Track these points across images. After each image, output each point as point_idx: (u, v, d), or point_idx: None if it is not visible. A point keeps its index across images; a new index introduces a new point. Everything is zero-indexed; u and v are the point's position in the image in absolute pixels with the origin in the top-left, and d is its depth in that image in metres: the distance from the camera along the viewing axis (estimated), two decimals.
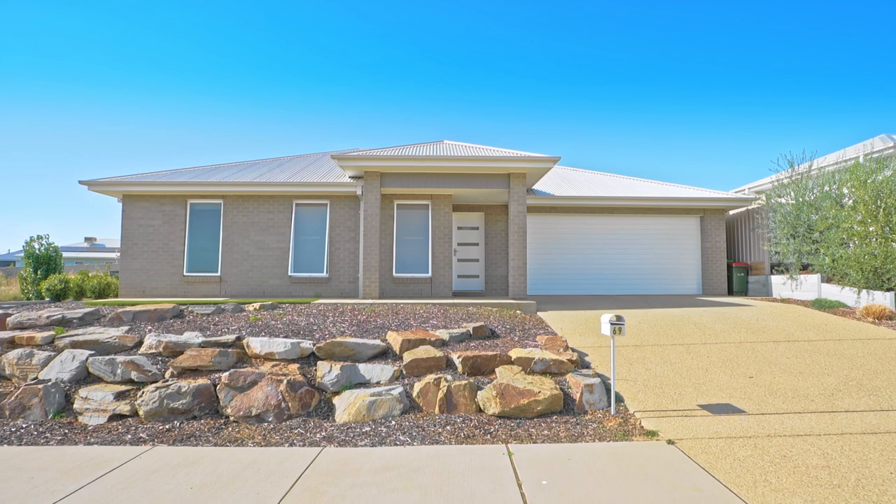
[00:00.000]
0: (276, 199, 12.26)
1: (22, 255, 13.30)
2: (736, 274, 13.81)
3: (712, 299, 12.01)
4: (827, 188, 11.61)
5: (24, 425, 5.19)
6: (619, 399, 5.46)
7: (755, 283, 13.62)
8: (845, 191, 11.09)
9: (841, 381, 5.83)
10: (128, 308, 7.97)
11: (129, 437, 4.93)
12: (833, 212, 10.87)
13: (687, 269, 13.92)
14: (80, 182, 11.89)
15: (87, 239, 45.53)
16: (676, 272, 13.89)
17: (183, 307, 8.32)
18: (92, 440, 4.86)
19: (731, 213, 14.89)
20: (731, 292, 13.77)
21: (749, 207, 14.25)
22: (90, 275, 13.48)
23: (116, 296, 12.44)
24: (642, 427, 4.79)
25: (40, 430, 5.10)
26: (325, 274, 12.04)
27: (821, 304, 10.33)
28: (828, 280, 11.27)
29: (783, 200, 12.73)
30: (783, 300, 11.80)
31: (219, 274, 12.04)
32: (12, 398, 5.43)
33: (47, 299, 11.61)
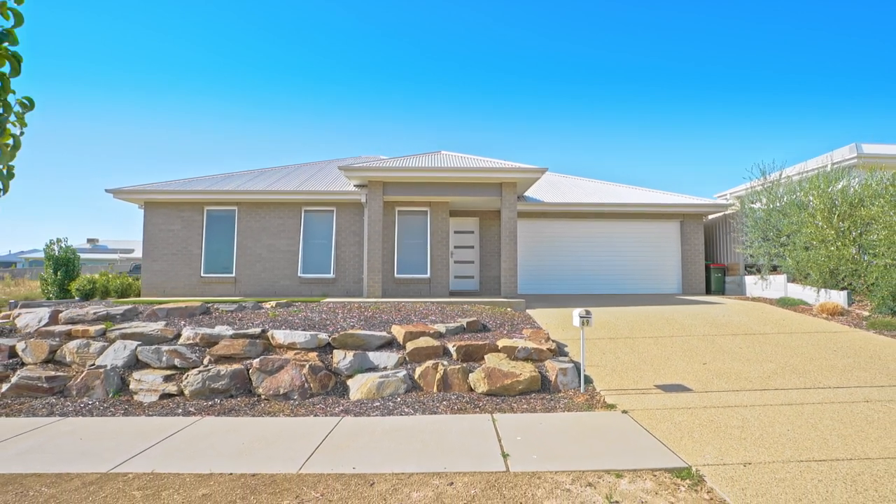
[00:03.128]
0: (287, 205, 13.27)
1: (26, 256, 14.29)
2: (714, 274, 14.85)
3: (689, 298, 13.05)
4: (794, 196, 12.66)
5: (89, 402, 6.20)
6: (588, 381, 6.48)
7: (731, 283, 14.68)
8: (810, 198, 12.14)
9: (779, 367, 6.86)
10: (160, 306, 8.96)
11: (180, 411, 5.94)
12: (797, 217, 11.91)
13: (668, 270, 14.96)
14: (106, 191, 12.90)
15: (89, 240, 46.31)
16: (658, 273, 14.93)
17: (209, 305, 9.32)
18: (150, 413, 5.87)
19: (710, 217, 15.95)
20: (709, 292, 14.82)
21: (726, 212, 15.30)
22: (110, 276, 14.45)
23: (138, 295, 13.41)
24: (605, 402, 5.81)
25: (104, 405, 6.11)
26: (331, 275, 13.05)
27: (784, 302, 11.37)
28: (793, 280, 12.31)
29: (756, 206, 13.79)
30: (753, 299, 12.84)
31: (233, 275, 13.04)
32: (78, 380, 6.44)
33: (77, 298, 12.58)
